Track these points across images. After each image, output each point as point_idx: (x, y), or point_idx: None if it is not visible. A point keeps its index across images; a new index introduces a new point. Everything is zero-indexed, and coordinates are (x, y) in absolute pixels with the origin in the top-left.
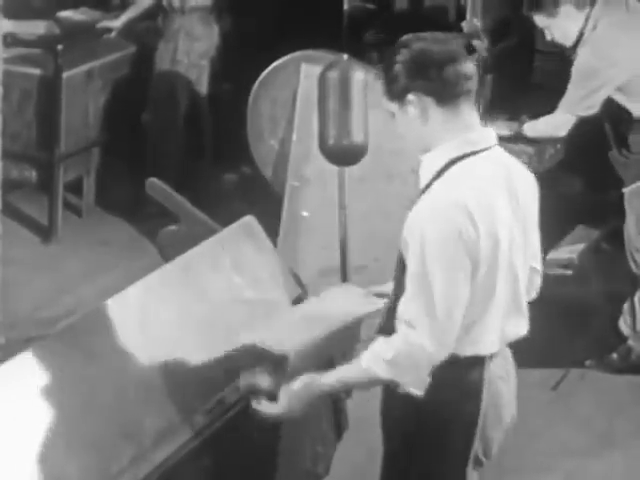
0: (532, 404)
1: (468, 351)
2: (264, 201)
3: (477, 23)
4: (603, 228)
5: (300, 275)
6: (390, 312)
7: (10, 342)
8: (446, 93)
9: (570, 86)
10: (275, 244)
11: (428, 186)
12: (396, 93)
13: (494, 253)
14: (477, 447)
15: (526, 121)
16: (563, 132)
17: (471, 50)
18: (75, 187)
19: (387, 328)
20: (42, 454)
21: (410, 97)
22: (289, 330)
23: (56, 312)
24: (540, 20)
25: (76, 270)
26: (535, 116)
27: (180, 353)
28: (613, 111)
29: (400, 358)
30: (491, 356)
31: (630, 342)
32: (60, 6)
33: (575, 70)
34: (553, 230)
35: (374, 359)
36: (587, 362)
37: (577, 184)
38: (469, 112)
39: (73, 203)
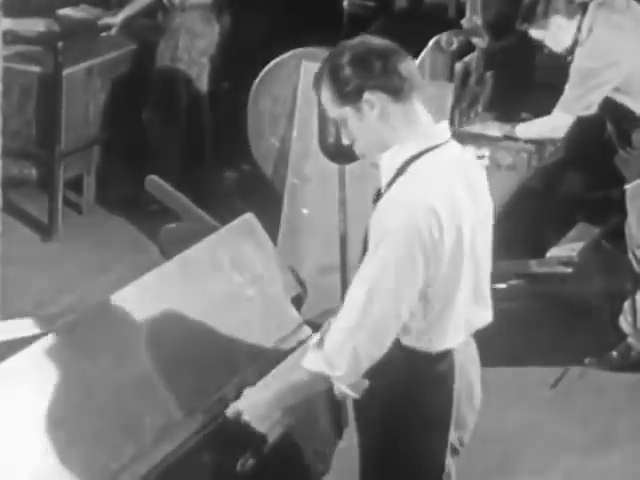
0: (531, 402)
1: (436, 346)
2: (264, 199)
3: (477, 20)
4: (604, 226)
5: (300, 272)
6: None
7: (10, 340)
8: (401, 88)
9: (568, 86)
10: (275, 242)
11: (390, 183)
12: (349, 96)
13: (458, 246)
14: (453, 434)
15: (529, 119)
16: (560, 134)
17: (471, 48)
18: (75, 185)
19: None
20: (42, 452)
21: (367, 96)
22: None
23: (56, 310)
24: (534, 33)
25: (76, 268)
26: (536, 115)
27: (179, 351)
28: (615, 108)
29: (327, 344)
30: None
31: (630, 340)
32: (60, 3)
33: (573, 70)
34: (554, 227)
35: (307, 350)
36: (586, 360)
37: (578, 182)
38: (421, 108)
39: (73, 201)
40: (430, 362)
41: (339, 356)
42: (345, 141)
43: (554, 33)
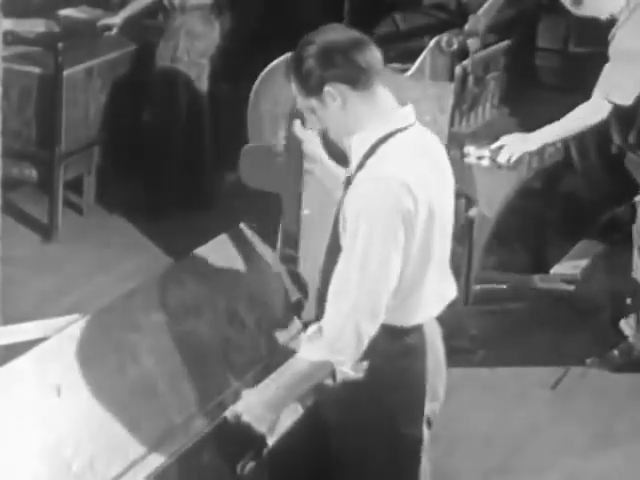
0: (532, 402)
1: (409, 321)
2: (265, 200)
3: (482, 23)
4: (608, 243)
5: (301, 273)
6: (320, 300)
7: (10, 344)
8: (360, 78)
9: (606, 67)
10: (275, 243)
11: (361, 165)
12: (312, 88)
13: (430, 222)
14: (429, 406)
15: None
16: (603, 115)
17: (465, 52)
18: (76, 185)
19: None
20: (40, 457)
21: (327, 89)
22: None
23: (57, 311)
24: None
25: (77, 269)
26: (538, 114)
27: (179, 355)
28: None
29: (327, 330)
30: None
31: (632, 339)
32: (60, 4)
33: (612, 52)
34: (557, 243)
35: (303, 341)
36: (588, 360)
37: (578, 182)
38: (384, 93)
39: (74, 202)
40: (403, 336)
41: (341, 339)
42: (316, 128)
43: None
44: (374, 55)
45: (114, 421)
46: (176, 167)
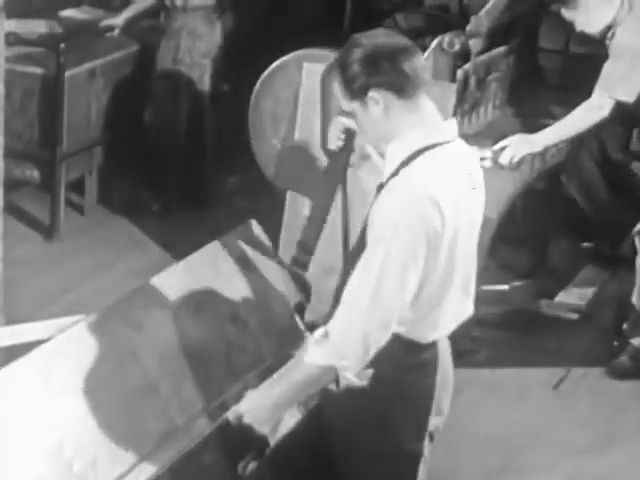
0: (533, 403)
1: (426, 337)
2: (267, 200)
3: (484, 24)
4: (612, 271)
5: (307, 276)
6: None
7: (12, 345)
8: (405, 86)
9: (607, 65)
10: (278, 243)
11: (395, 174)
12: (356, 92)
13: (455, 240)
14: (433, 420)
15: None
16: (605, 112)
17: (467, 53)
18: (77, 185)
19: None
20: (42, 457)
21: (371, 94)
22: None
23: (58, 311)
24: (566, 14)
25: (78, 268)
26: (541, 114)
27: (182, 357)
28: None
29: (334, 335)
30: None
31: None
32: (62, 5)
33: (612, 48)
34: (559, 243)
35: (310, 344)
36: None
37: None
38: (428, 104)
39: (75, 201)
40: (419, 351)
41: (348, 346)
42: (356, 131)
43: (584, 14)
44: (421, 64)
45: (116, 422)
46: (178, 167)
